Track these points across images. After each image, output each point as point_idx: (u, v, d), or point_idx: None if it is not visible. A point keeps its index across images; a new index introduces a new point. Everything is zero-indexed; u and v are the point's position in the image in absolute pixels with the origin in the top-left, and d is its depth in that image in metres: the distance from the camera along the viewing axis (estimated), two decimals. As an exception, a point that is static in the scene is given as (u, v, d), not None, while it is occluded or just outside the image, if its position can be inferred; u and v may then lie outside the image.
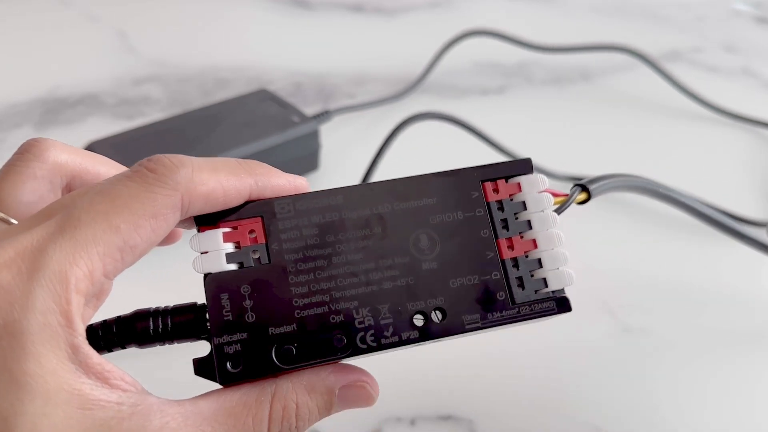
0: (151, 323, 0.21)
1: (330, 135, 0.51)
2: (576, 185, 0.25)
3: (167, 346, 0.21)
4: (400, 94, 0.57)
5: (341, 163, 0.50)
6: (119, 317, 0.21)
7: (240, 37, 0.67)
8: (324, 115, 0.49)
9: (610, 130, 0.55)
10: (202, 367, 0.20)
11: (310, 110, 0.51)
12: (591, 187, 0.25)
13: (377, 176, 0.44)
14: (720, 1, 0.75)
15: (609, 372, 0.36)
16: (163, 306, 0.21)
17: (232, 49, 0.64)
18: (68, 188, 0.23)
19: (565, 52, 0.62)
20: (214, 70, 0.60)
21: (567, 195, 0.24)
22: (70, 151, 0.23)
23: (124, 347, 0.21)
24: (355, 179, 0.47)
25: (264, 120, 0.46)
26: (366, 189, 0.22)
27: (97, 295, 0.19)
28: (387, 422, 0.33)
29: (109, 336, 0.20)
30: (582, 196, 0.25)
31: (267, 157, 0.44)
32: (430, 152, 0.48)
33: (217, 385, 0.20)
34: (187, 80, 0.59)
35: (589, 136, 0.54)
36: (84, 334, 0.17)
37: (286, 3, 0.72)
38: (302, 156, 0.47)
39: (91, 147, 0.43)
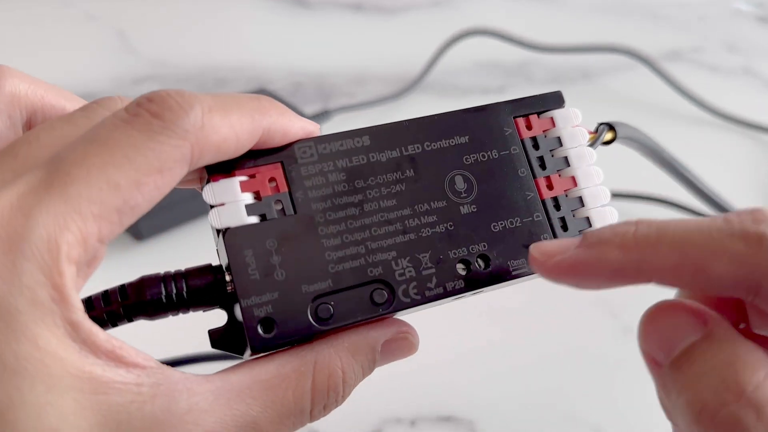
0: (163, 289, 0.18)
1: (330, 134, 0.51)
2: (602, 124, 0.24)
3: (181, 315, 0.19)
4: (400, 94, 0.56)
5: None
6: (123, 286, 0.18)
7: (239, 37, 0.67)
8: (324, 115, 0.49)
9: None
10: (222, 339, 0.18)
11: (309, 110, 0.51)
12: (617, 127, 0.24)
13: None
14: (721, 1, 0.75)
15: (609, 372, 0.35)
16: (173, 270, 0.19)
17: (232, 49, 0.64)
18: (29, 125, 0.20)
19: (565, 53, 0.62)
20: (214, 69, 0.60)
21: (595, 133, 0.23)
22: (30, 81, 0.20)
23: (131, 320, 0.18)
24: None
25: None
26: (393, 128, 0.21)
27: (89, 262, 0.16)
28: (387, 423, 0.33)
29: (112, 308, 0.18)
30: (609, 135, 0.24)
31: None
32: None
33: (242, 359, 0.18)
34: (186, 80, 0.59)
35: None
36: (82, 308, 0.15)
37: (285, 2, 0.72)
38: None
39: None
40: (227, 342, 0.19)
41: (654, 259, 0.17)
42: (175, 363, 0.33)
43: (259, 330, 0.18)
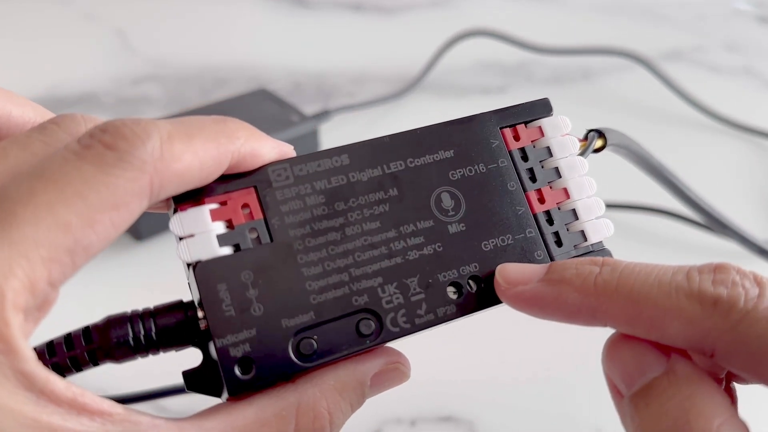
0: (129, 330, 0.17)
1: (330, 134, 0.51)
2: (592, 130, 0.23)
3: (150, 357, 0.18)
4: (400, 94, 0.56)
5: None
6: (87, 328, 0.17)
7: (239, 37, 0.67)
8: (323, 115, 0.49)
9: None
10: (196, 380, 0.17)
11: (309, 110, 0.51)
12: (607, 133, 0.23)
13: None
14: (721, 1, 0.75)
15: (609, 372, 0.35)
16: (141, 309, 0.17)
17: (232, 49, 0.64)
18: None
19: (565, 55, 0.62)
20: (214, 69, 0.60)
21: (585, 141, 0.22)
22: None
23: (97, 364, 0.17)
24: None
25: (263, 119, 0.46)
26: (374, 145, 0.19)
27: (40, 307, 0.15)
28: (387, 423, 0.33)
29: (75, 353, 0.17)
30: (599, 142, 0.23)
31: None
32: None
33: (218, 401, 0.17)
34: (186, 80, 0.59)
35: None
36: (34, 356, 0.14)
37: (285, 2, 0.72)
38: (302, 155, 0.47)
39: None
40: (203, 383, 0.17)
41: (609, 309, 0.17)
42: (146, 397, 0.32)
43: (237, 371, 0.16)
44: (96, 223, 0.14)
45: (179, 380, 0.18)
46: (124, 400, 0.32)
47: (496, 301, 0.19)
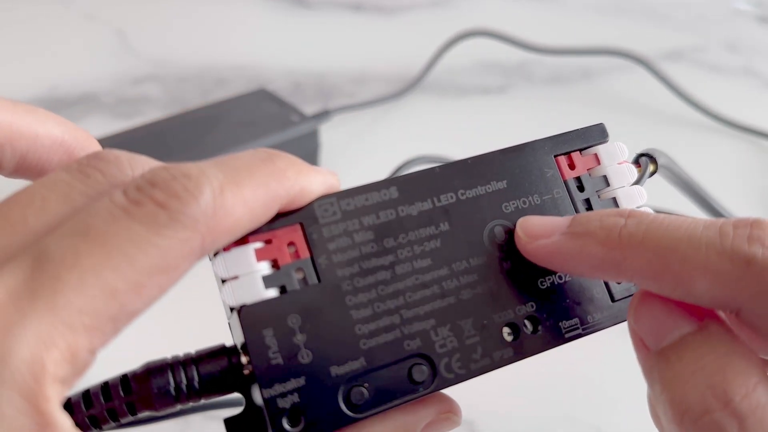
0: (171, 379, 0.16)
1: (329, 134, 0.51)
2: (642, 155, 0.22)
3: (191, 405, 0.17)
4: (400, 94, 0.56)
5: (341, 162, 0.50)
6: (125, 377, 0.16)
7: (239, 37, 0.67)
8: (323, 115, 0.49)
9: (612, 132, 0.55)
10: (239, 428, 0.16)
11: (309, 109, 0.51)
12: (657, 157, 0.22)
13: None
14: (721, 1, 0.75)
15: (609, 372, 0.35)
16: (182, 355, 0.16)
17: (232, 49, 0.64)
18: None
19: (565, 55, 0.62)
20: (214, 69, 0.60)
21: (638, 166, 0.21)
22: None
23: (135, 414, 0.16)
24: (355, 180, 0.47)
25: (263, 119, 0.46)
26: (423, 176, 0.18)
27: (77, 372, 0.14)
28: (387, 423, 0.33)
29: (113, 405, 0.16)
30: (652, 167, 0.22)
31: (266, 156, 0.44)
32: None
33: None
34: (186, 80, 0.59)
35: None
36: (70, 424, 0.13)
37: (285, 2, 0.72)
38: (301, 156, 0.46)
39: (90, 146, 0.43)
40: (246, 430, 0.16)
41: (634, 263, 0.16)
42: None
43: (285, 424, 0.15)
44: (143, 287, 0.13)
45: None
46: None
47: (554, 343, 0.18)
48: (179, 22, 0.68)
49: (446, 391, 0.18)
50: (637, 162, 0.22)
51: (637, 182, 0.21)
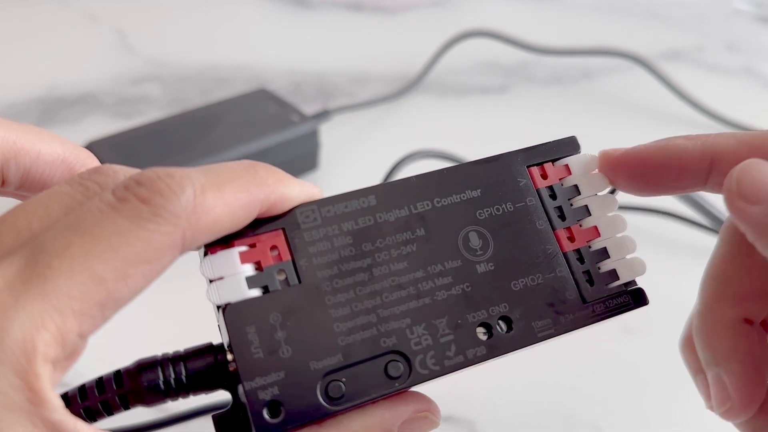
0: (160, 374, 0.17)
1: (329, 134, 0.51)
2: None
3: (180, 400, 0.18)
4: (400, 94, 0.56)
5: (341, 162, 0.50)
6: (118, 372, 0.17)
7: (239, 36, 0.67)
8: (323, 115, 0.49)
9: (612, 132, 0.55)
10: (226, 424, 0.17)
11: (309, 109, 0.51)
12: None
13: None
14: (721, 1, 0.75)
15: (609, 372, 0.35)
16: (171, 352, 0.17)
17: (232, 48, 0.64)
18: (1, 174, 0.19)
19: (565, 55, 0.62)
20: (214, 69, 0.60)
21: None
22: (3, 127, 0.19)
23: (128, 408, 0.17)
24: (355, 179, 0.47)
25: (263, 119, 0.46)
26: (400, 185, 0.19)
27: (68, 356, 0.16)
28: (387, 423, 0.33)
29: (107, 397, 0.17)
30: None
31: (266, 156, 0.44)
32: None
33: None
34: (186, 79, 0.59)
35: (591, 136, 0.54)
36: (62, 405, 0.14)
37: (285, 2, 0.72)
38: (302, 155, 0.47)
39: (90, 146, 0.43)
40: (233, 427, 0.17)
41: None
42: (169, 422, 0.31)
43: (265, 415, 0.16)
44: (129, 276, 0.15)
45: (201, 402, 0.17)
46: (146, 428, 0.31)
47: (527, 342, 0.19)
48: (179, 22, 0.68)
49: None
50: None
51: (612, 191, 0.21)
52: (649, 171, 0.20)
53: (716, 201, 0.37)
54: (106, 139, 0.43)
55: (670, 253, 0.43)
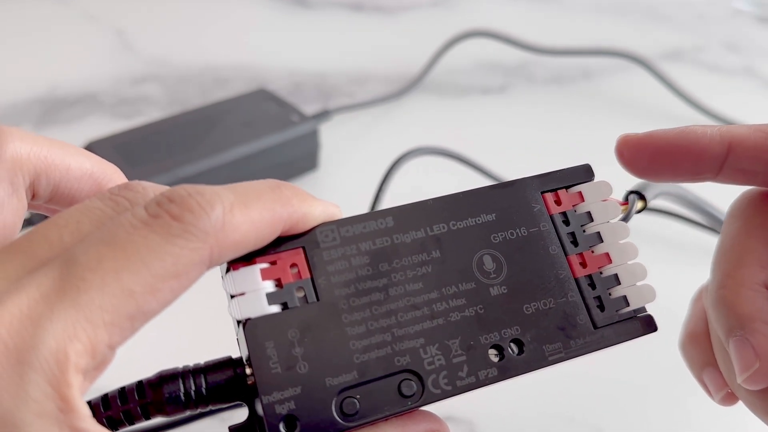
0: (181, 386, 0.17)
1: (330, 134, 0.51)
2: (632, 192, 0.23)
3: (199, 411, 0.18)
4: (400, 94, 0.56)
5: (341, 162, 0.50)
6: (140, 383, 0.18)
7: (239, 37, 0.67)
8: (323, 115, 0.49)
9: (612, 132, 0.55)
10: None
11: (309, 109, 0.51)
12: (647, 193, 0.23)
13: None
14: (721, 1, 0.75)
15: (609, 372, 0.35)
16: (192, 365, 0.18)
17: (232, 49, 0.64)
18: (32, 188, 0.19)
19: (565, 55, 0.62)
20: (214, 69, 0.60)
21: (626, 204, 0.23)
22: (32, 142, 0.19)
23: (149, 418, 0.18)
24: (355, 179, 0.47)
25: (263, 119, 0.46)
26: (417, 208, 0.20)
27: (97, 367, 0.16)
28: (387, 423, 0.33)
29: (129, 407, 0.17)
30: (640, 204, 0.23)
31: (266, 156, 0.44)
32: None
33: None
34: (186, 79, 0.59)
35: (591, 136, 0.54)
36: (89, 414, 0.15)
37: (285, 2, 0.72)
38: (302, 155, 0.47)
39: (90, 147, 0.43)
40: None
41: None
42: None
43: (282, 429, 0.17)
44: (158, 290, 0.15)
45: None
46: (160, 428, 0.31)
47: (538, 366, 0.19)
48: (179, 22, 0.68)
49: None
50: (625, 199, 0.23)
51: (624, 219, 0.22)
52: (668, 154, 0.20)
53: (716, 201, 0.37)
54: (106, 140, 0.43)
55: (670, 253, 0.43)
